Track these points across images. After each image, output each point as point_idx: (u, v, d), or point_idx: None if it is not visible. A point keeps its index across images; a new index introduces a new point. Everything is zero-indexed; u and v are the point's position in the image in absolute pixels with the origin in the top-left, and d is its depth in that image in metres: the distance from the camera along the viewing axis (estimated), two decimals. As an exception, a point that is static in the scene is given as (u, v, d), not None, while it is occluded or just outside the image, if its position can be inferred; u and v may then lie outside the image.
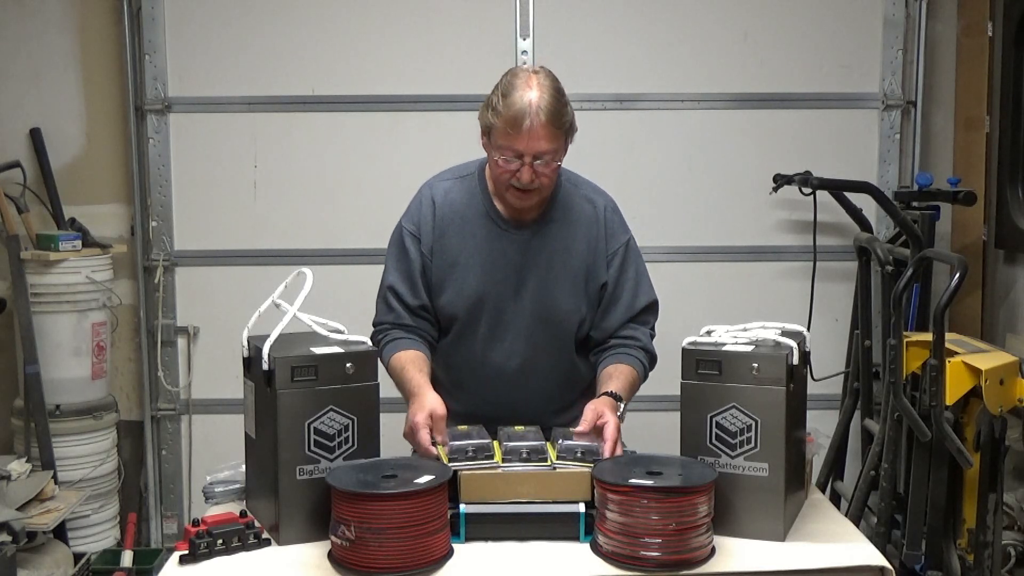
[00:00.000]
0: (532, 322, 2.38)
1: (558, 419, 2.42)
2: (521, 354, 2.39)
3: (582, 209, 2.40)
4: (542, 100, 2.18)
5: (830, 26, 3.81)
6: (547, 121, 2.17)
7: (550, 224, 2.38)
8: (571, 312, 2.39)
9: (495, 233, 2.36)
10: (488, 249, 2.36)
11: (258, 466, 2.08)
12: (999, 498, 2.82)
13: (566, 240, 2.38)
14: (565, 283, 2.38)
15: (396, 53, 3.79)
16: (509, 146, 2.20)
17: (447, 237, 2.36)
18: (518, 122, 2.17)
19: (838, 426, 3.64)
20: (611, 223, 2.42)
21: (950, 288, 2.66)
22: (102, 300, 3.68)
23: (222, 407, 3.82)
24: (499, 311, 2.37)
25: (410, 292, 2.38)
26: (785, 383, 1.97)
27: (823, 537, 2.04)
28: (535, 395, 2.42)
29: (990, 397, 2.67)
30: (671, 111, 3.83)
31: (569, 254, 2.38)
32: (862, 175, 3.66)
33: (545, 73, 2.27)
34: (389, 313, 2.40)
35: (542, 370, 2.42)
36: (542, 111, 2.17)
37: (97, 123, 3.88)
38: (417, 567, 1.83)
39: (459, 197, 2.39)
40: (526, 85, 2.20)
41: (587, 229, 2.39)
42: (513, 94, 2.19)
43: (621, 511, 1.85)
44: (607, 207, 2.45)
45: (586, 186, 2.47)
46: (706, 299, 3.84)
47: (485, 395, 2.41)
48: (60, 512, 3.26)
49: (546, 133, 2.18)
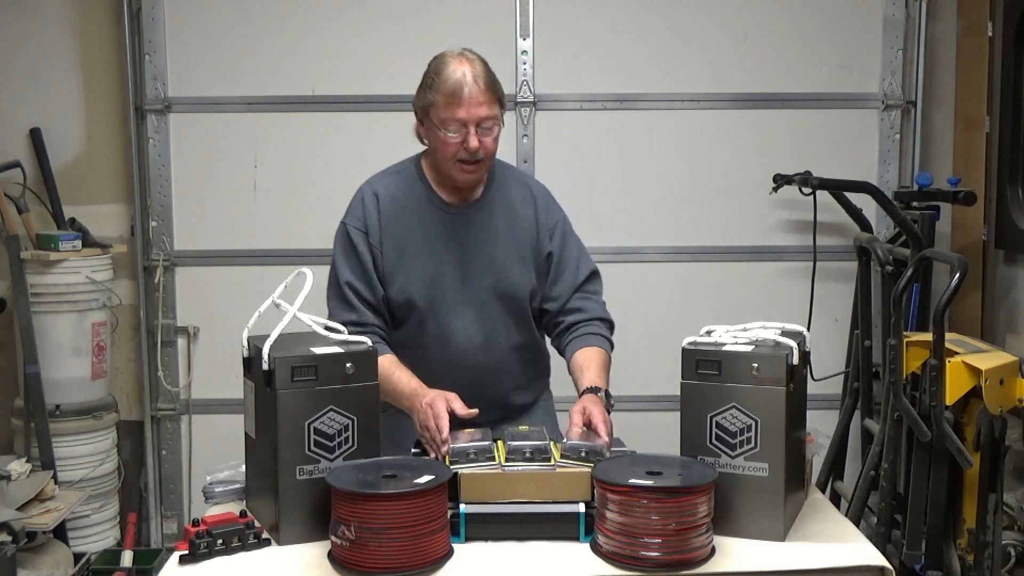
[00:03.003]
0: (488, 298, 2.43)
1: (520, 398, 2.52)
2: (481, 331, 2.43)
3: (518, 187, 2.50)
4: (476, 70, 2.30)
5: (830, 26, 3.82)
6: (484, 88, 2.29)
7: (490, 202, 2.45)
8: (524, 284, 2.45)
9: (436, 216, 2.42)
10: (434, 233, 2.41)
11: (258, 466, 2.08)
12: (999, 498, 2.82)
13: (508, 215, 2.45)
14: (514, 256, 2.44)
15: (396, 53, 3.79)
16: (452, 117, 2.29)
17: (392, 229, 2.41)
18: (458, 92, 2.27)
19: (838, 426, 3.64)
20: (544, 198, 2.53)
21: (950, 288, 2.66)
22: (102, 300, 3.68)
23: (222, 407, 3.82)
24: (453, 291, 2.41)
25: (367, 288, 2.40)
26: (785, 383, 1.97)
27: (823, 537, 2.04)
28: (497, 372, 2.46)
29: (990, 397, 2.67)
30: (671, 111, 3.84)
31: (513, 229, 2.45)
32: (862, 175, 3.66)
33: (470, 51, 2.37)
34: (350, 311, 2.38)
35: (503, 345, 2.46)
36: (479, 78, 2.28)
37: (97, 123, 3.88)
38: (417, 567, 1.83)
39: (399, 189, 2.45)
40: (457, 61, 2.31)
41: (525, 205, 2.48)
42: (446, 70, 2.30)
43: (621, 511, 1.85)
44: (538, 185, 2.57)
45: (515, 169, 2.63)
46: (706, 299, 3.85)
47: (449, 378, 2.38)
48: (60, 512, 3.26)
49: (485, 99, 2.29)
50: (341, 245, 2.44)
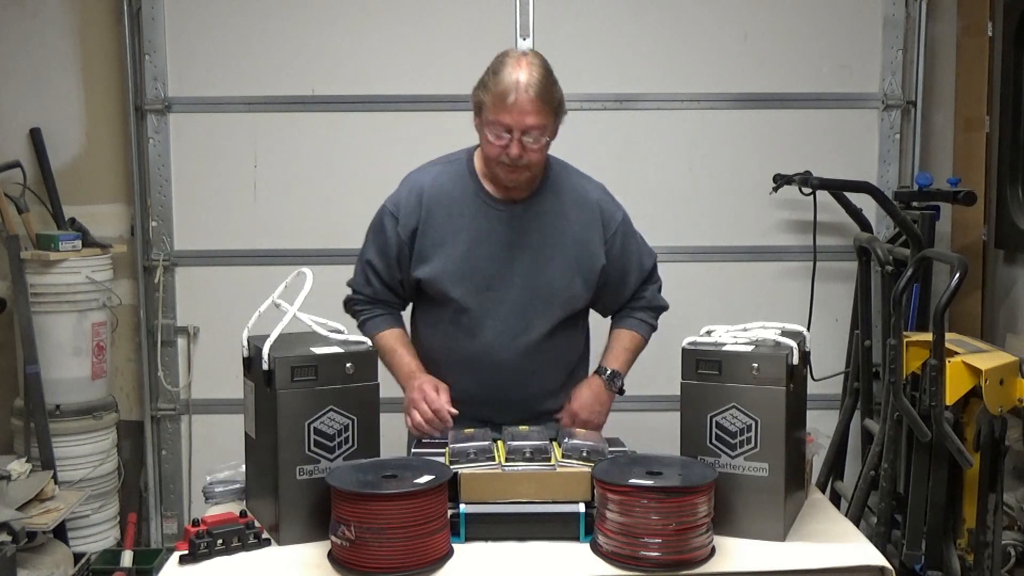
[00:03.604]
0: (523, 297, 2.41)
1: (547, 404, 2.50)
2: (512, 329, 2.42)
3: (573, 191, 2.47)
4: (531, 77, 2.26)
5: (830, 26, 3.81)
6: (535, 96, 2.25)
7: (540, 202, 2.43)
8: (563, 288, 2.43)
9: (483, 211, 2.41)
10: (477, 227, 2.40)
11: (258, 466, 2.08)
12: (999, 498, 2.82)
13: (557, 218, 2.43)
14: (557, 258, 2.42)
15: (396, 53, 3.79)
16: (498, 121, 2.27)
17: (434, 218, 2.41)
18: (506, 96, 2.25)
19: (838, 426, 3.64)
20: (604, 204, 2.50)
21: (950, 288, 2.66)
22: (102, 300, 3.68)
23: (222, 407, 3.82)
24: (490, 286, 2.40)
25: (385, 268, 2.46)
26: (785, 383, 1.97)
27: (823, 537, 2.04)
28: (524, 373, 2.44)
29: (990, 397, 2.67)
30: (671, 111, 3.83)
31: (561, 232, 2.43)
32: (862, 175, 3.66)
33: (535, 54, 2.35)
34: (367, 286, 2.49)
35: (533, 346, 2.44)
36: (530, 87, 2.25)
37: (97, 123, 3.88)
38: (417, 567, 1.83)
39: (448, 180, 2.44)
40: (516, 64, 2.28)
41: (579, 210, 2.45)
42: (503, 71, 2.28)
43: (621, 511, 1.85)
44: (598, 189, 2.53)
45: (575, 172, 2.55)
46: (706, 299, 3.84)
47: (477, 375, 2.42)
48: (60, 512, 3.26)
49: (533, 108, 2.25)
50: (373, 224, 2.50)
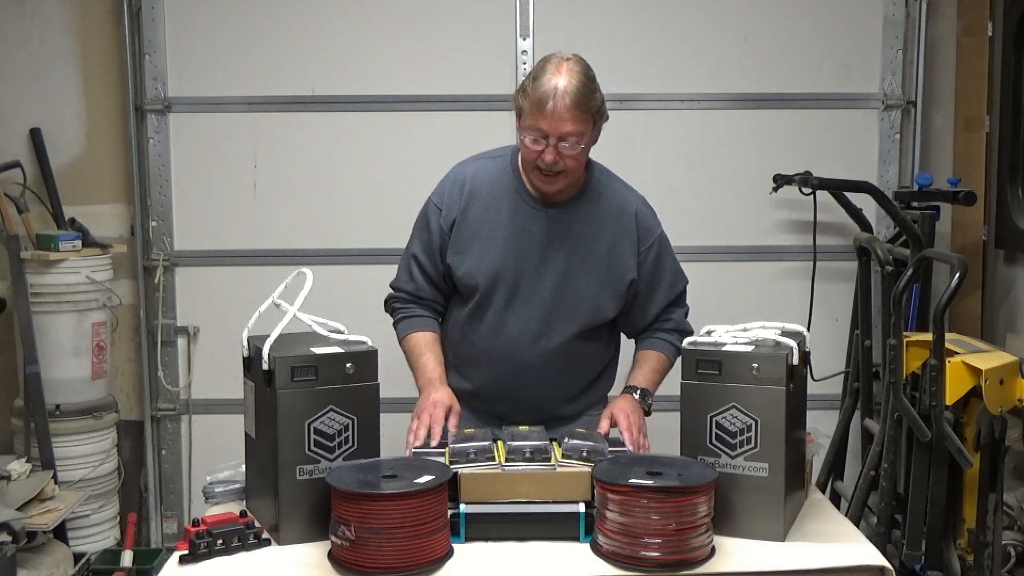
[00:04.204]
0: (550, 299, 2.42)
1: (567, 409, 2.49)
2: (536, 331, 2.42)
3: (612, 199, 2.47)
4: (569, 84, 2.25)
5: (830, 26, 3.81)
6: (571, 104, 2.24)
7: (579, 207, 2.43)
8: (589, 295, 2.43)
9: (521, 209, 2.42)
10: (512, 224, 2.41)
11: (258, 466, 2.08)
12: (999, 498, 2.82)
13: (593, 225, 2.43)
14: (588, 266, 2.42)
15: (396, 53, 3.79)
16: (535, 126, 2.27)
17: (472, 209, 2.42)
18: (543, 103, 2.24)
19: (838, 426, 3.64)
20: (643, 217, 2.49)
21: (950, 288, 2.66)
22: (102, 300, 3.68)
23: (222, 407, 3.82)
24: (518, 285, 2.41)
25: (430, 263, 2.47)
26: (785, 383, 1.97)
27: (823, 537, 2.04)
28: (545, 376, 2.45)
29: (990, 397, 2.67)
30: (671, 111, 3.83)
31: (595, 239, 2.43)
32: (862, 175, 3.66)
33: (576, 60, 2.33)
34: (410, 282, 2.50)
35: (556, 350, 2.43)
36: (568, 94, 2.24)
37: (97, 123, 3.88)
38: (417, 567, 1.83)
39: (490, 175, 2.45)
40: (556, 69, 2.27)
41: (616, 220, 2.45)
42: (542, 77, 2.27)
43: (621, 511, 1.85)
44: (639, 202, 2.52)
45: (618, 180, 2.54)
46: (706, 299, 3.83)
47: (495, 371, 2.45)
48: (60, 512, 3.26)
49: (570, 115, 2.25)
50: (419, 218, 2.50)
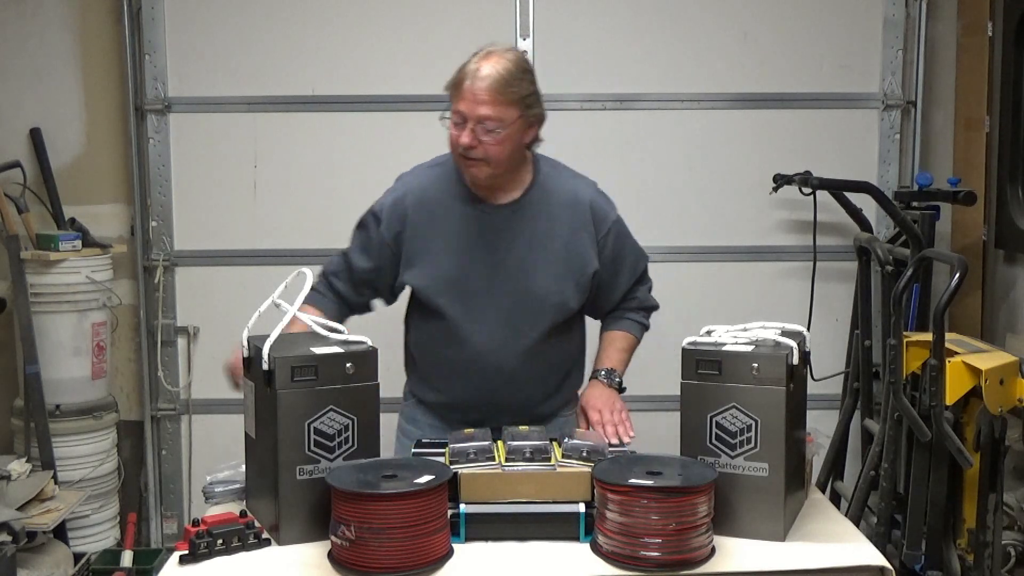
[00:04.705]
0: (510, 303, 2.37)
1: (542, 408, 2.46)
2: (499, 336, 2.37)
3: (564, 192, 2.41)
4: (492, 69, 2.22)
5: (830, 26, 3.81)
6: (488, 87, 2.20)
7: (528, 204, 2.38)
8: (551, 293, 2.38)
9: (469, 214, 2.37)
10: (463, 231, 2.36)
11: (258, 466, 2.08)
12: (999, 498, 2.82)
13: (546, 220, 2.38)
14: (547, 262, 2.37)
15: (396, 53, 3.79)
16: (455, 109, 2.25)
17: (419, 223, 2.38)
18: (461, 83, 2.23)
19: (838, 426, 3.64)
20: (597, 205, 2.43)
21: (950, 288, 2.66)
22: (102, 300, 3.68)
23: (222, 407, 3.81)
24: (474, 292, 2.36)
25: (357, 264, 2.44)
26: (785, 383, 1.97)
27: (823, 537, 2.04)
28: (515, 379, 2.40)
29: (990, 397, 2.67)
30: (671, 111, 3.83)
31: (550, 234, 2.38)
32: (862, 175, 3.66)
33: (516, 52, 2.31)
34: (336, 275, 2.47)
35: (522, 352, 2.39)
36: (487, 77, 2.21)
37: (97, 123, 3.88)
38: (417, 567, 1.83)
39: (434, 183, 2.41)
40: (485, 57, 2.25)
41: (570, 212, 2.40)
42: (470, 61, 2.25)
43: (621, 511, 1.85)
44: (591, 190, 2.46)
45: (568, 171, 2.48)
46: (706, 299, 3.84)
47: (465, 381, 2.40)
48: (60, 512, 3.26)
49: (488, 99, 2.21)
50: (357, 225, 2.48)
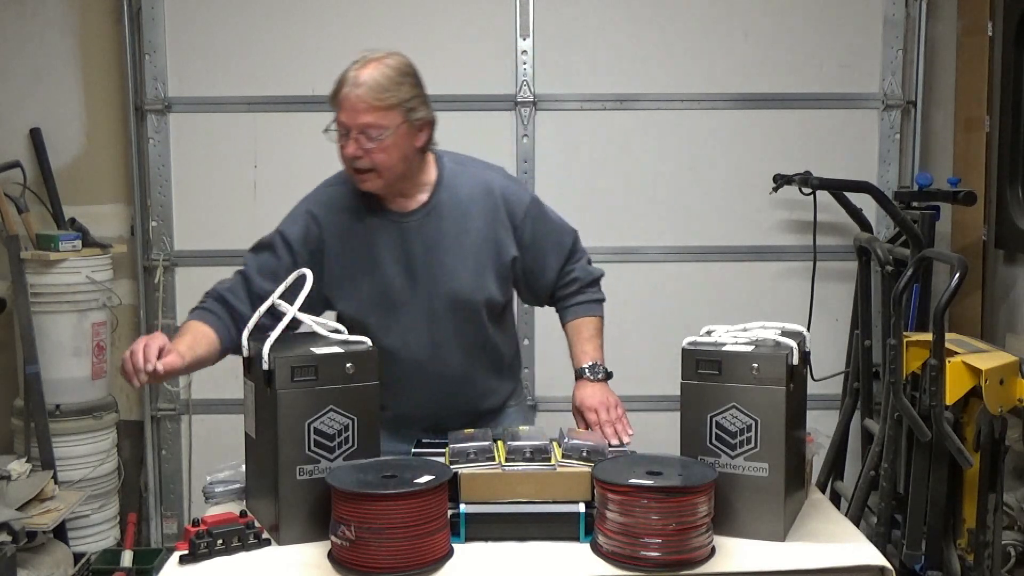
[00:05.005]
0: (439, 307, 2.31)
1: (488, 402, 2.44)
2: (432, 343, 2.32)
3: (471, 185, 2.33)
4: (370, 76, 2.14)
5: (830, 26, 3.82)
6: (365, 94, 2.13)
7: (438, 206, 2.31)
8: (476, 290, 2.32)
9: (382, 226, 2.30)
10: (378, 245, 2.29)
11: (258, 466, 2.08)
12: (999, 498, 2.82)
13: (459, 218, 2.31)
14: (465, 260, 2.31)
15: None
16: (337, 119, 2.18)
17: (332, 246, 2.30)
18: (339, 92, 2.16)
19: (838, 426, 3.64)
20: (508, 192, 2.36)
21: (950, 288, 2.66)
22: (102, 300, 3.68)
23: (222, 407, 3.82)
24: (401, 304, 2.30)
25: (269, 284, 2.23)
26: (785, 383, 1.97)
27: (823, 537, 2.04)
28: (457, 382, 2.36)
29: (990, 397, 2.67)
30: (671, 111, 3.84)
31: (465, 233, 2.31)
32: (862, 175, 3.67)
33: (397, 58, 2.21)
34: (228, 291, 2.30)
35: (458, 354, 2.35)
36: (363, 84, 2.13)
37: (97, 123, 3.88)
38: (417, 567, 1.83)
39: (341, 201, 2.33)
40: (361, 63, 2.17)
41: (482, 206, 2.33)
42: (348, 69, 2.17)
43: (621, 511, 1.85)
44: (500, 177, 2.39)
45: (473, 164, 2.40)
46: (706, 299, 3.84)
47: (411, 394, 2.35)
48: (60, 512, 3.26)
49: (366, 107, 2.13)
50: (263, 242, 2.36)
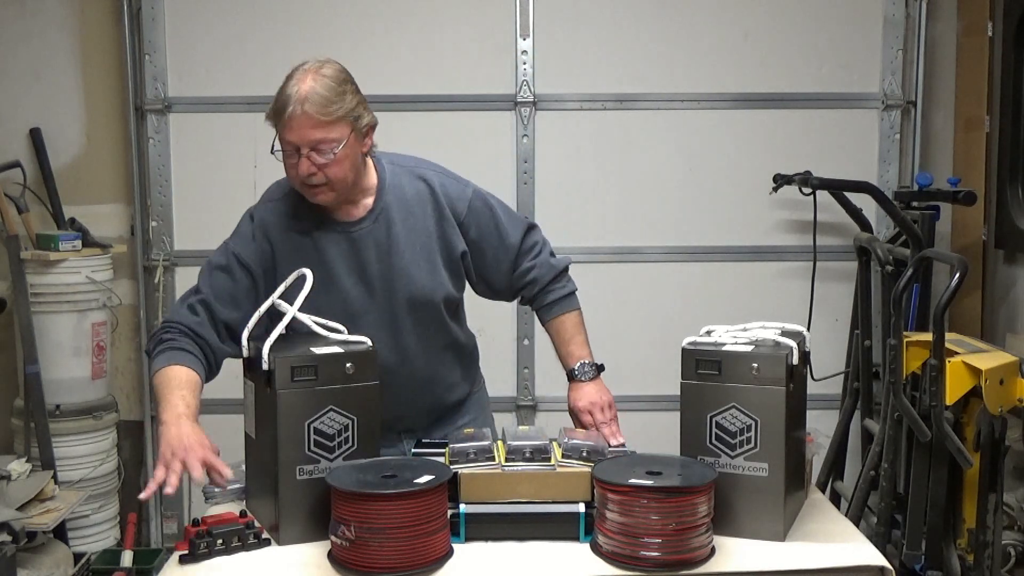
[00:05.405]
0: (399, 312, 2.28)
1: (454, 395, 2.43)
2: (396, 349, 2.29)
3: (411, 184, 2.30)
4: (312, 90, 2.08)
5: (830, 26, 3.82)
6: (312, 111, 2.07)
7: (385, 209, 2.28)
8: (434, 290, 2.30)
9: (332, 239, 2.25)
10: (330, 257, 2.25)
11: (258, 466, 2.08)
12: (999, 498, 2.82)
13: (406, 219, 2.28)
14: (420, 264, 2.29)
15: (396, 53, 3.79)
16: (283, 139, 2.12)
17: (284, 262, 2.25)
18: (282, 112, 2.09)
19: (838, 426, 3.64)
20: (448, 187, 2.32)
21: (950, 288, 2.66)
22: (102, 300, 3.68)
23: (222, 407, 3.79)
24: (364, 314, 2.26)
25: (227, 308, 2.25)
26: (785, 383, 1.97)
27: (823, 537, 2.04)
28: (423, 382, 2.35)
29: (990, 397, 2.67)
30: (671, 111, 3.84)
31: (414, 233, 2.29)
32: (862, 175, 3.67)
33: (332, 66, 2.16)
34: (191, 316, 2.25)
35: (422, 356, 2.33)
36: (308, 100, 2.07)
37: (97, 123, 3.88)
38: (417, 567, 1.82)
39: (284, 217, 2.27)
40: (299, 76, 2.11)
41: (425, 204, 2.30)
42: (286, 85, 2.11)
43: (621, 511, 1.85)
44: (437, 173, 2.35)
45: (412, 163, 2.36)
46: (706, 299, 3.84)
47: (385, 400, 2.25)
48: (60, 512, 3.26)
49: (314, 123, 2.08)
50: (215, 261, 2.31)
